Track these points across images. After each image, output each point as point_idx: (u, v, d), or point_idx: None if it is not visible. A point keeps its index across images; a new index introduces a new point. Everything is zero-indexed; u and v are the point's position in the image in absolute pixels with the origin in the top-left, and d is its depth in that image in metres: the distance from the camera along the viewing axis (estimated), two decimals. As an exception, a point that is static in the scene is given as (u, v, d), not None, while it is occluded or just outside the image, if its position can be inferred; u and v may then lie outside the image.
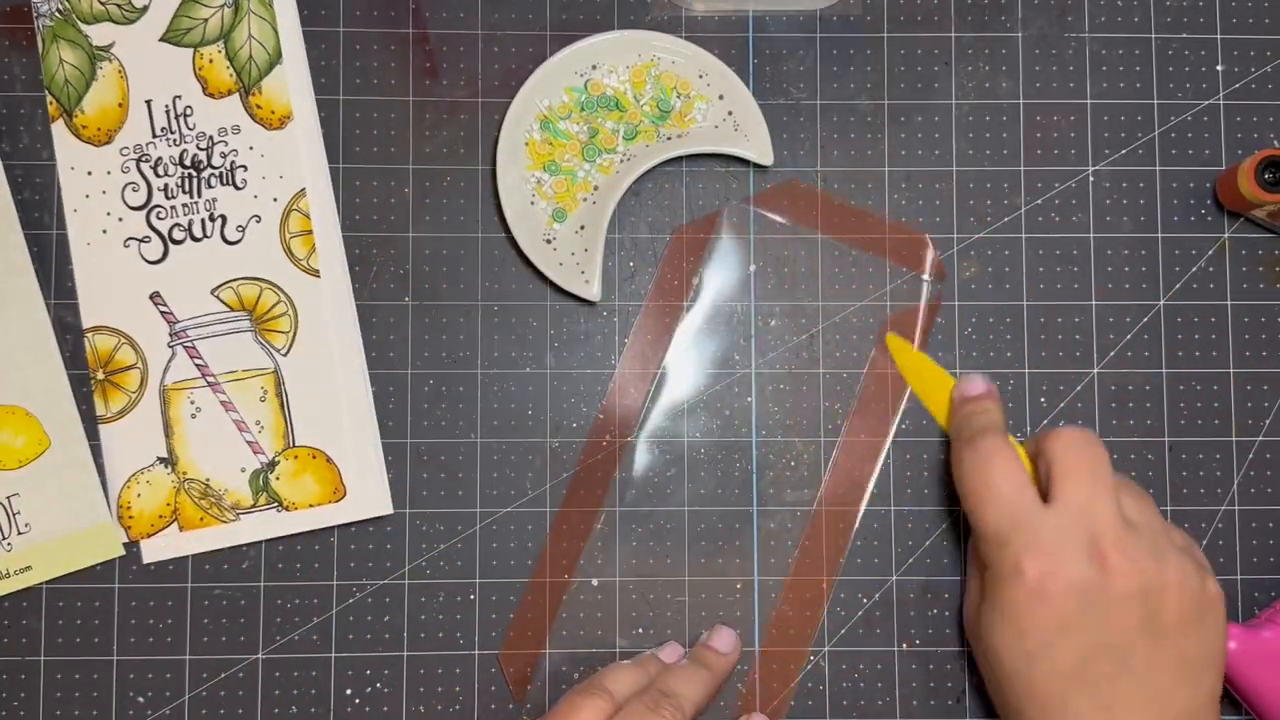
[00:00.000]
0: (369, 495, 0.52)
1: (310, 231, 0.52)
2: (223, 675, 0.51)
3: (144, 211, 0.52)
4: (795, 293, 0.53)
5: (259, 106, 0.52)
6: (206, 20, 0.52)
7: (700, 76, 0.53)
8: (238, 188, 0.52)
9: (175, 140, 0.52)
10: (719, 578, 0.52)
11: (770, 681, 0.52)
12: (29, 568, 0.51)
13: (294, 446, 0.52)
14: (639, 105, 0.53)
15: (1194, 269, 0.54)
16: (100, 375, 0.52)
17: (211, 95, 0.52)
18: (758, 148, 0.52)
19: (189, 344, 0.52)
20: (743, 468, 0.53)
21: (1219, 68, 0.54)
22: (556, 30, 0.54)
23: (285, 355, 0.52)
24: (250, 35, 0.53)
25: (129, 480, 0.52)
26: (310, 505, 0.52)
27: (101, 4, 0.52)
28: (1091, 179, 0.54)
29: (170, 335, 0.52)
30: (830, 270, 0.53)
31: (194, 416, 0.52)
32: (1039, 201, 0.54)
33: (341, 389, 0.52)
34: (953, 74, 0.54)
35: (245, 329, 0.52)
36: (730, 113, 0.53)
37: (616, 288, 0.53)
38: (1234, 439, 0.53)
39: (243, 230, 0.52)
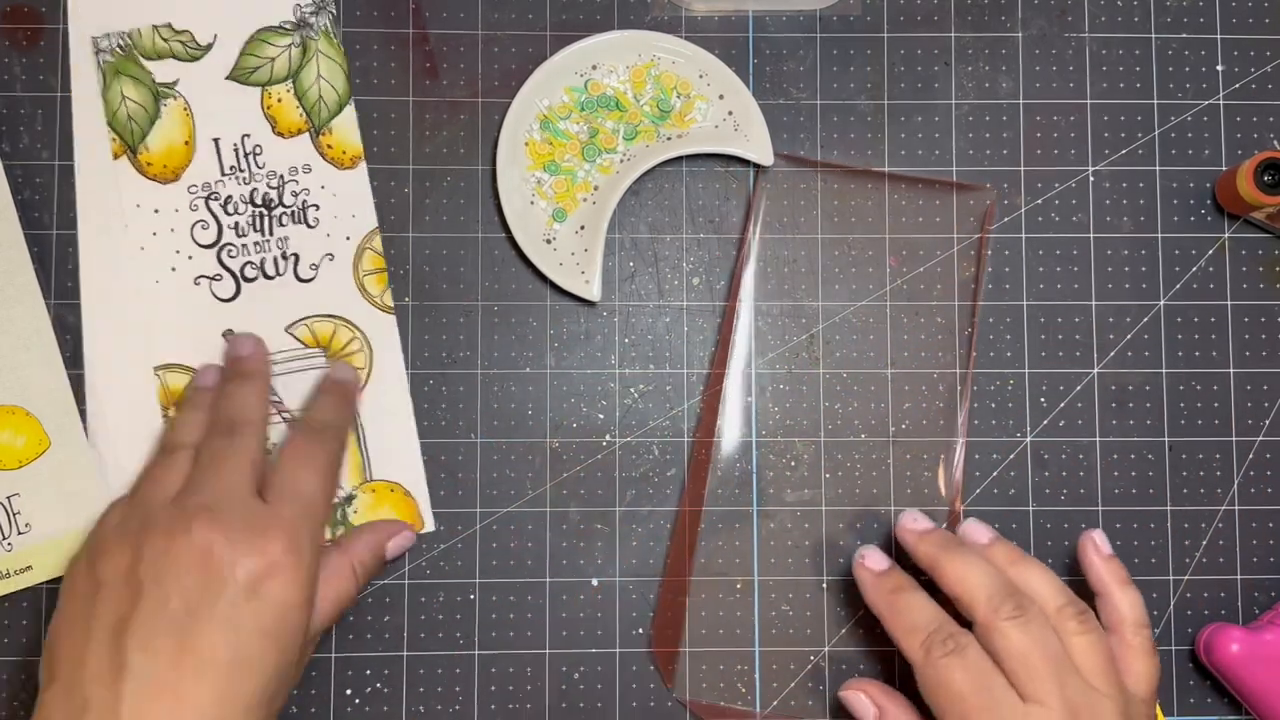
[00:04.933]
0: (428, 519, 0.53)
1: (383, 269, 0.52)
2: (222, 675, 0.51)
3: (214, 249, 0.52)
4: (795, 293, 0.53)
5: (329, 146, 0.52)
6: (274, 60, 0.52)
7: (700, 76, 0.53)
8: (310, 226, 0.52)
9: (245, 179, 0.52)
10: (719, 578, 0.52)
11: (770, 681, 0.52)
12: (29, 567, 0.51)
13: (371, 480, 0.52)
14: (639, 105, 0.53)
15: (1194, 269, 0.54)
16: (173, 412, 0.51)
17: (281, 134, 0.52)
18: (758, 148, 0.52)
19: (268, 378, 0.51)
20: (743, 468, 0.53)
21: (1219, 68, 0.54)
22: (556, 30, 0.54)
23: (361, 391, 0.52)
24: (319, 75, 0.52)
25: None
26: None
27: (164, 40, 0.52)
28: (1091, 179, 0.54)
29: None
30: (830, 270, 0.53)
31: (270, 453, 0.50)
32: (1039, 201, 0.54)
33: (412, 419, 0.52)
34: (953, 74, 0.54)
35: (320, 366, 0.52)
36: (730, 113, 0.53)
37: (616, 288, 0.53)
38: (1234, 439, 0.53)
39: (316, 268, 0.52)
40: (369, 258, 0.52)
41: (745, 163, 0.53)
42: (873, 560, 0.48)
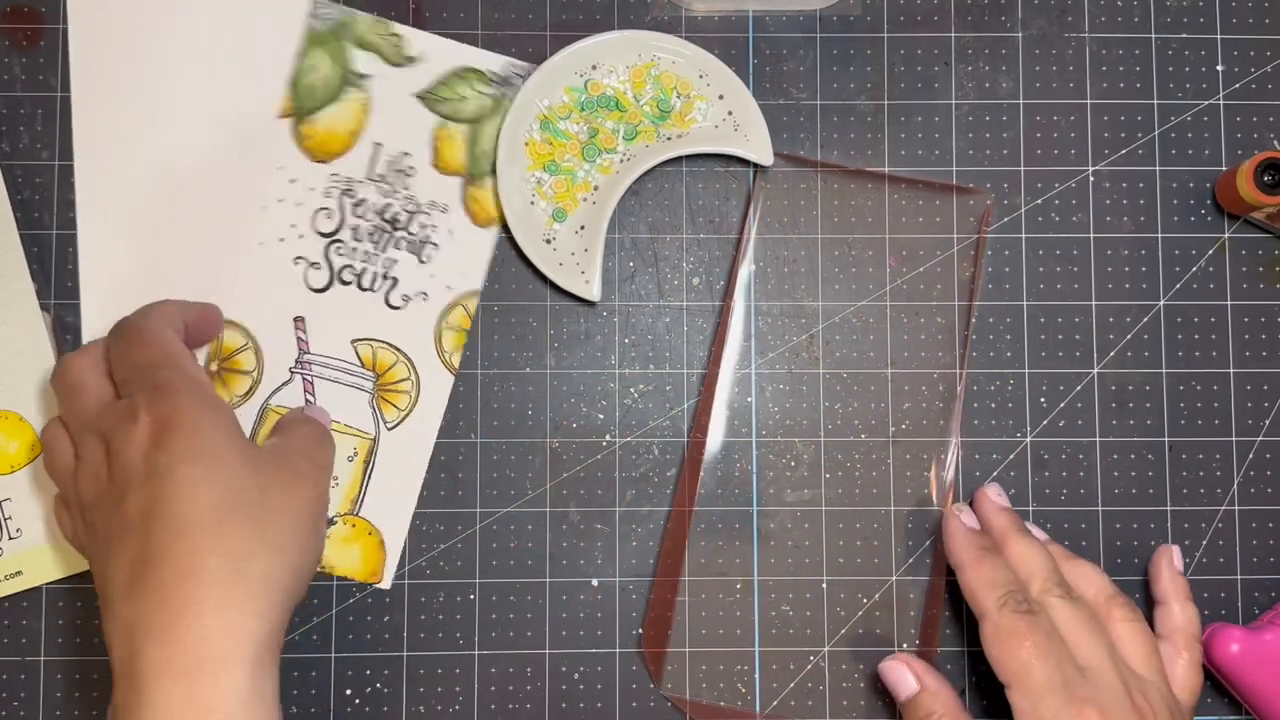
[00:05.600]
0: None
1: (466, 330, 0.52)
2: (222, 675, 0.51)
3: (327, 240, 0.52)
4: (795, 293, 0.53)
5: (475, 199, 0.53)
6: (465, 100, 0.53)
7: (700, 76, 0.53)
8: (421, 262, 0.52)
9: (386, 191, 0.52)
10: (719, 578, 0.52)
11: (770, 681, 0.52)
12: (19, 573, 0.51)
13: (357, 515, 0.52)
14: (639, 105, 0.53)
15: (1194, 269, 0.54)
16: (215, 367, 0.52)
17: (437, 168, 0.52)
18: (758, 148, 0.52)
19: (309, 377, 0.52)
20: (743, 468, 0.53)
21: (1219, 68, 0.54)
22: (556, 30, 0.54)
23: (390, 430, 0.52)
24: (499, 132, 0.52)
25: None
26: (345, 576, 0.52)
27: (378, 36, 0.52)
28: (1091, 179, 0.54)
29: (296, 362, 0.52)
30: (830, 270, 0.53)
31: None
32: (1039, 201, 0.54)
33: (420, 481, 0.52)
34: (953, 74, 0.54)
35: (366, 388, 0.52)
36: (730, 113, 0.53)
37: (616, 288, 0.53)
38: (1234, 439, 0.53)
39: (407, 300, 0.52)
40: (458, 314, 0.52)
41: (745, 163, 0.53)
42: (969, 518, 0.50)
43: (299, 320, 0.52)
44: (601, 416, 0.53)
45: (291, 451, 0.46)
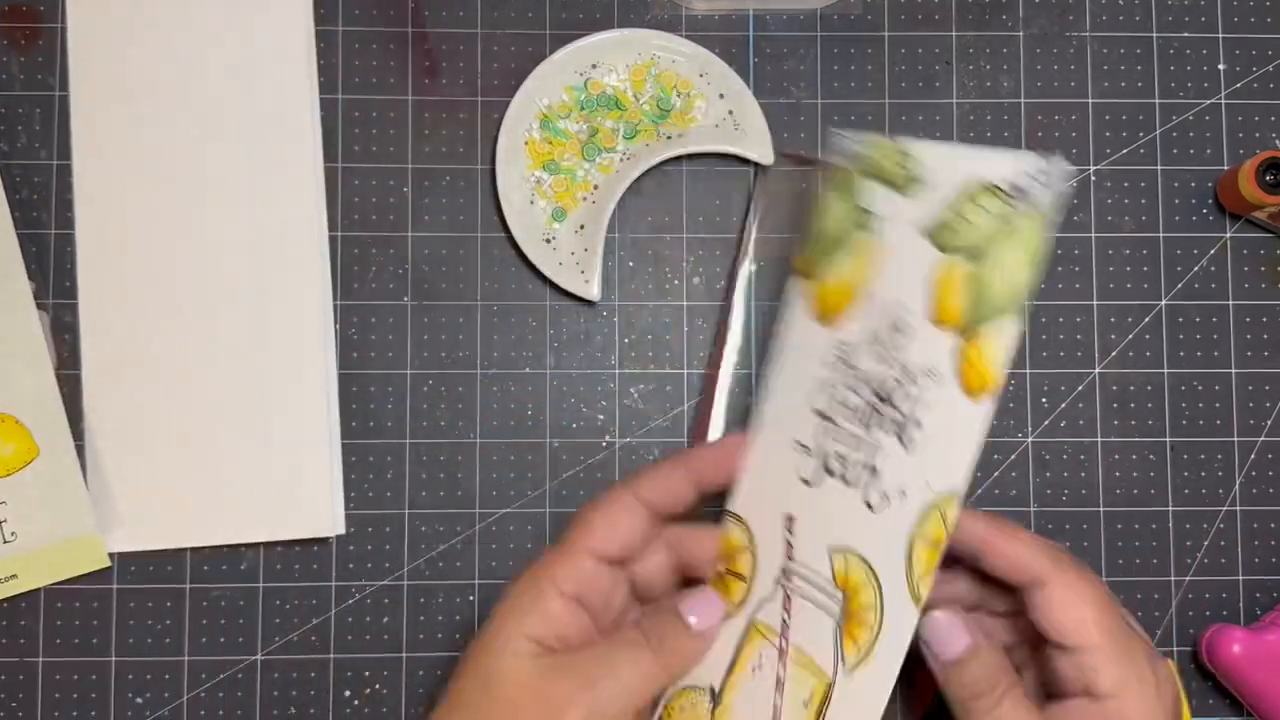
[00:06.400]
0: None
1: (940, 547, 0.39)
2: (221, 676, 0.51)
3: (819, 420, 0.42)
4: (796, 292, 0.53)
5: (970, 361, 0.39)
6: (973, 226, 0.39)
7: (700, 75, 0.53)
8: (903, 447, 0.40)
9: (882, 356, 0.40)
10: (719, 578, 0.52)
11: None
12: (14, 576, 0.51)
13: None
14: (639, 104, 0.53)
15: (1195, 269, 0.54)
16: (721, 568, 0.42)
17: (934, 321, 0.39)
18: (758, 147, 0.52)
19: (790, 593, 0.41)
20: (743, 468, 0.53)
21: (1220, 67, 0.54)
22: (556, 29, 0.54)
23: (847, 672, 0.40)
24: (1002, 263, 0.39)
25: (680, 692, 0.42)
26: None
27: (893, 161, 0.41)
28: (1093, 178, 0.54)
29: (782, 573, 0.41)
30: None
31: (754, 671, 0.41)
32: (1040, 201, 0.54)
33: None
34: (953, 73, 0.54)
35: (834, 614, 0.40)
36: (730, 112, 0.52)
37: (616, 288, 0.53)
38: (1235, 439, 0.53)
39: (885, 500, 0.40)
40: (933, 524, 0.39)
41: (745, 162, 0.53)
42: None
43: (790, 520, 0.42)
44: (601, 417, 0.53)
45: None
